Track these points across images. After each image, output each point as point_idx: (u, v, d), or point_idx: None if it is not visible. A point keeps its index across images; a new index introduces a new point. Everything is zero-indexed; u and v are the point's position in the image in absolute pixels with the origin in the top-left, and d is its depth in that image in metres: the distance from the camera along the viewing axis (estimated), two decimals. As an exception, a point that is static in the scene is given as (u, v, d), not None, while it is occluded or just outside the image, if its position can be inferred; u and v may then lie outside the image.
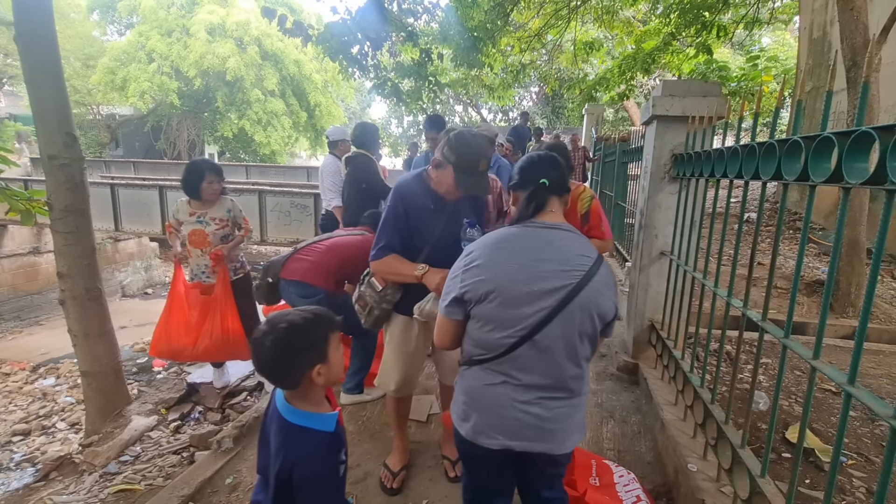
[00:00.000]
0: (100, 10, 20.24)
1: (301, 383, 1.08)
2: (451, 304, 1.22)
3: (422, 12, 5.94)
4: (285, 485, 1.05)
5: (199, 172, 3.06)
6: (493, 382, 1.20)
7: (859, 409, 2.30)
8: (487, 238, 1.25)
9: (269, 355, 1.05)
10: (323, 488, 1.07)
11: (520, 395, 1.19)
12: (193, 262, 3.25)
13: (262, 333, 1.06)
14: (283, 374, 1.08)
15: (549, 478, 1.35)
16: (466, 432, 1.23)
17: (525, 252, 1.17)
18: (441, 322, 1.27)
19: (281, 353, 1.05)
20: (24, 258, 10.79)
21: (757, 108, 1.70)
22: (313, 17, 20.74)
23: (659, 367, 2.56)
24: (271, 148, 19.71)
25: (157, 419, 3.55)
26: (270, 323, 1.07)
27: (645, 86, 13.86)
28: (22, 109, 19.03)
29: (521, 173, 1.30)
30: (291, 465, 1.04)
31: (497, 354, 1.18)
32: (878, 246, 0.99)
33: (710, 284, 1.81)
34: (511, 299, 1.14)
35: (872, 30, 3.20)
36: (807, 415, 1.23)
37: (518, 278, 1.14)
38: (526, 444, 1.19)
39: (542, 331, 1.14)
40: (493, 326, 1.17)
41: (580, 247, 1.21)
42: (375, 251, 1.78)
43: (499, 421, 1.19)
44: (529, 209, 1.23)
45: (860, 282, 3.61)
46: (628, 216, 4.91)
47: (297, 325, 1.06)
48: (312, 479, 1.05)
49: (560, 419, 1.21)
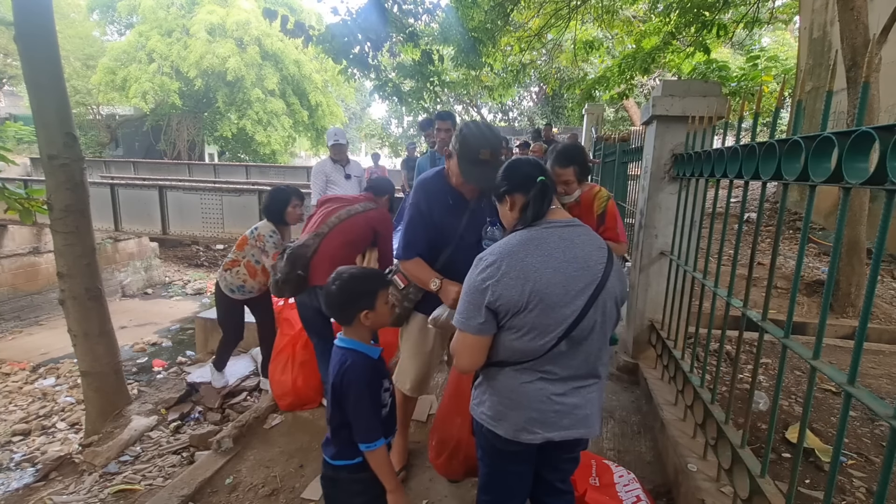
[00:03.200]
0: (100, 10, 20.24)
1: (353, 322, 1.39)
2: (484, 320, 1.17)
3: (422, 13, 5.94)
4: (338, 395, 1.35)
5: (285, 198, 3.02)
6: (529, 380, 1.22)
7: (859, 409, 2.30)
8: (508, 246, 1.19)
9: (333, 295, 1.38)
10: (363, 399, 1.34)
11: (557, 388, 1.22)
12: (251, 284, 3.12)
13: (331, 281, 1.40)
14: (340, 311, 1.40)
15: (566, 471, 1.40)
16: (506, 431, 1.23)
17: (555, 255, 1.17)
18: (472, 342, 1.20)
19: (340, 294, 1.38)
20: (24, 258, 10.78)
21: (757, 108, 1.70)
22: (313, 16, 20.73)
23: (659, 367, 2.56)
24: (272, 148, 19.71)
25: (157, 419, 3.55)
26: (338, 273, 1.41)
27: (645, 86, 13.85)
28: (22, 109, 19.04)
29: (512, 176, 1.28)
30: (342, 375, 1.35)
31: (535, 358, 1.19)
32: (878, 246, 0.99)
33: (710, 284, 1.81)
34: (551, 304, 1.15)
35: (872, 30, 3.19)
36: (807, 415, 1.23)
37: (555, 282, 1.15)
38: (564, 432, 1.23)
39: (579, 325, 1.17)
40: (536, 334, 1.16)
41: (596, 239, 1.25)
42: (403, 250, 1.79)
43: (539, 416, 1.21)
44: (544, 207, 1.22)
45: (860, 282, 3.61)
46: (628, 216, 4.91)
47: (356, 276, 1.40)
48: (354, 388, 1.33)
49: (591, 404, 1.26)
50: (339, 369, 1.36)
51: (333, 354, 1.42)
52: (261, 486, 2.19)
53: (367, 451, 1.35)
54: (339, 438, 1.39)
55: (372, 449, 1.35)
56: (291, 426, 2.70)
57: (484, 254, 1.22)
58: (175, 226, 8.89)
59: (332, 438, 1.41)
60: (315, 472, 2.27)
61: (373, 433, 1.34)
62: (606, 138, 6.58)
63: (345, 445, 1.39)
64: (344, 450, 1.39)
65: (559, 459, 1.36)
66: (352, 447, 1.37)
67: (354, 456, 1.39)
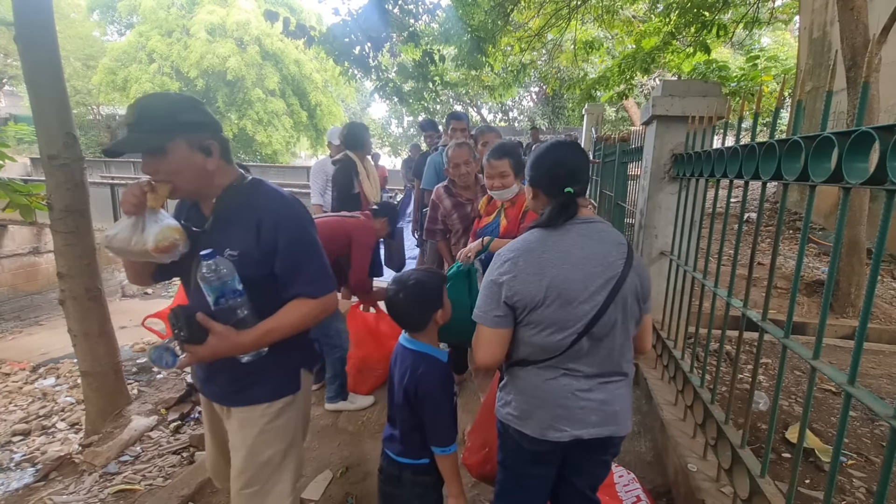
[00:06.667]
0: (100, 10, 20.25)
1: (427, 326, 1.38)
2: (503, 314, 1.19)
3: (422, 13, 5.94)
4: (412, 401, 1.33)
5: None
6: (552, 377, 1.21)
7: (859, 409, 2.30)
8: (526, 242, 1.21)
9: (403, 306, 1.37)
10: (440, 404, 1.33)
11: (581, 384, 1.21)
12: None
13: (395, 291, 1.37)
14: (415, 320, 1.39)
15: (596, 476, 1.37)
16: (533, 430, 1.23)
17: (573, 251, 1.18)
18: (490, 335, 1.22)
19: (413, 303, 1.36)
20: (24, 258, 10.78)
21: (757, 108, 1.70)
22: (313, 16, 20.73)
23: (659, 367, 2.56)
24: (273, 148, 19.70)
25: (157, 419, 3.55)
26: (399, 282, 1.38)
27: (645, 86, 13.85)
28: (22, 109, 19.05)
29: (539, 171, 1.27)
30: (417, 381, 1.32)
31: (556, 354, 1.19)
32: (878, 246, 0.99)
33: (710, 284, 1.81)
34: (570, 299, 1.15)
35: (872, 30, 3.19)
36: (807, 415, 1.23)
37: (574, 277, 1.15)
38: (593, 430, 1.21)
39: (599, 321, 1.16)
40: (554, 329, 1.17)
41: (615, 235, 1.25)
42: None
43: (566, 413, 1.20)
44: (562, 219, 1.21)
45: (860, 282, 3.61)
46: (628, 216, 4.91)
47: (423, 281, 1.38)
48: (432, 394, 1.32)
49: (620, 400, 1.25)
50: (411, 375, 1.33)
51: (400, 355, 1.40)
52: (261, 486, 2.19)
53: (440, 455, 1.35)
54: (410, 440, 1.38)
55: (447, 453, 1.34)
56: (291, 426, 2.70)
57: (502, 250, 1.25)
58: (175, 226, 8.89)
59: (401, 439, 1.39)
60: (315, 471, 2.27)
61: (450, 438, 1.34)
62: (606, 138, 6.58)
63: (415, 446, 1.38)
64: (412, 449, 1.39)
65: (589, 461, 1.33)
66: (421, 448, 1.37)
67: (421, 456, 1.38)
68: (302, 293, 1.24)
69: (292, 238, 1.24)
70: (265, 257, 1.22)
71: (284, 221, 1.24)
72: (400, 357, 1.41)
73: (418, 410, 1.33)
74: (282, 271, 1.23)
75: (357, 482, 2.16)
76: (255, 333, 1.18)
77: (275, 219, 1.23)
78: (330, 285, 1.30)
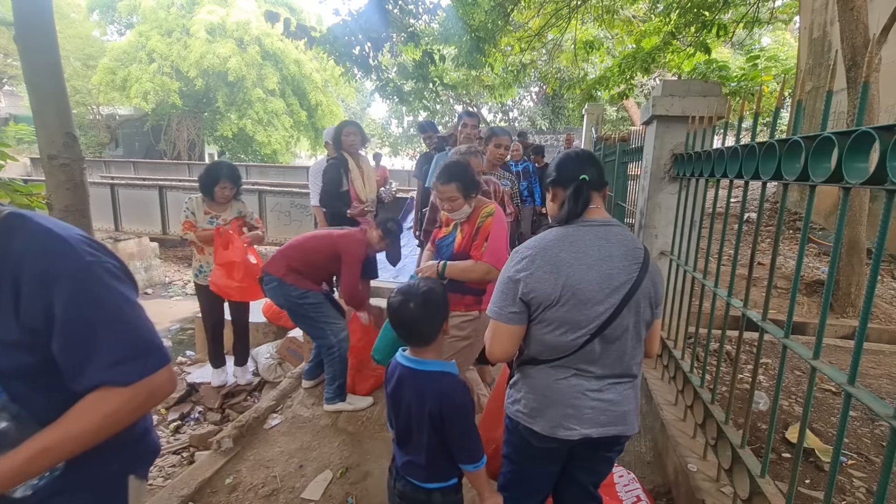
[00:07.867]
0: (100, 10, 20.23)
1: (436, 338, 1.32)
2: (517, 310, 1.20)
3: (422, 13, 5.94)
4: (437, 424, 1.25)
5: (215, 177, 3.16)
6: (563, 377, 1.23)
7: (859, 409, 2.30)
8: (543, 241, 1.22)
9: (413, 317, 1.29)
10: (466, 418, 1.27)
11: (592, 384, 1.22)
12: (203, 260, 3.38)
13: (401, 302, 1.29)
14: (425, 332, 1.31)
15: (600, 473, 1.39)
16: (542, 428, 1.24)
17: (589, 252, 1.19)
18: (504, 330, 1.23)
19: (423, 314, 1.29)
20: (25, 258, 10.76)
21: (757, 108, 1.70)
22: (313, 17, 20.73)
23: (659, 367, 2.56)
24: (273, 147, 19.69)
25: (156, 419, 3.55)
26: (407, 292, 1.31)
27: (645, 86, 13.84)
28: (22, 109, 19.05)
29: (560, 170, 1.30)
30: (439, 401, 1.25)
31: (567, 354, 1.20)
32: (878, 246, 0.99)
33: (710, 284, 1.81)
34: (584, 300, 1.16)
35: (872, 30, 3.19)
36: (807, 415, 1.23)
37: (590, 278, 1.16)
38: (601, 429, 1.22)
39: (612, 324, 1.17)
40: (567, 329, 1.18)
41: (632, 239, 1.26)
42: None
43: (575, 412, 1.22)
44: (578, 207, 1.23)
45: (860, 282, 3.61)
46: (628, 216, 4.91)
47: (433, 291, 1.32)
48: (457, 410, 1.25)
49: (628, 401, 1.26)
50: (433, 397, 1.25)
51: (412, 378, 1.31)
52: (261, 487, 2.19)
53: (472, 472, 1.30)
54: (436, 464, 1.31)
55: (480, 467, 1.30)
56: (291, 426, 2.70)
57: (520, 247, 1.26)
58: (175, 226, 8.90)
59: (427, 465, 1.31)
60: (315, 471, 2.28)
61: (481, 450, 1.30)
62: (606, 138, 6.58)
63: (442, 468, 1.32)
64: (440, 472, 1.33)
65: (594, 459, 1.35)
66: (448, 469, 1.32)
67: (450, 477, 1.33)
68: (104, 380, 0.81)
69: (78, 299, 0.80)
70: (32, 335, 0.79)
71: (62, 274, 0.79)
72: (408, 381, 1.31)
73: (446, 431, 1.27)
74: (65, 352, 0.80)
75: (357, 482, 2.16)
76: (24, 454, 0.76)
77: (43, 272, 0.78)
78: (152, 362, 0.86)
